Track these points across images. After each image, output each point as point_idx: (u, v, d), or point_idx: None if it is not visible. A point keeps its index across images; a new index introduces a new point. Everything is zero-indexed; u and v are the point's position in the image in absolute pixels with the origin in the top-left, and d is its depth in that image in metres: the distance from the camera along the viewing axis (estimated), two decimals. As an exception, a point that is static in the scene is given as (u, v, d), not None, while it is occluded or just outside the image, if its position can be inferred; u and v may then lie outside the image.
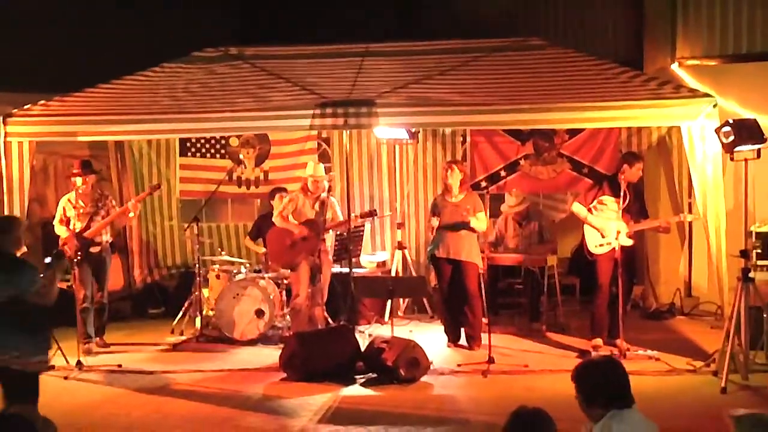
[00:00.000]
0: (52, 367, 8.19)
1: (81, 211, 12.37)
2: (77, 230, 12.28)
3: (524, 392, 9.77)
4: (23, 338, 7.55)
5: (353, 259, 12.48)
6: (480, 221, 11.85)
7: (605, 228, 11.48)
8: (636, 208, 11.58)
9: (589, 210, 11.65)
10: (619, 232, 11.31)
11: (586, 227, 11.72)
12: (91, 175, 12.47)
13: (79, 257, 11.91)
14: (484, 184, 14.62)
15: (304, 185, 12.70)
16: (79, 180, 12.38)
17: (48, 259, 8.00)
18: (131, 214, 12.63)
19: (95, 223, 12.33)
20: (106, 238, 12.63)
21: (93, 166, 12.88)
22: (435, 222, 11.99)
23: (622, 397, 5.07)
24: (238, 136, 15.39)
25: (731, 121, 10.22)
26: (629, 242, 11.45)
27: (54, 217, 12.57)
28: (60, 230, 12.43)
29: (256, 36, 16.00)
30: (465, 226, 11.74)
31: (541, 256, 13.00)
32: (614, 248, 11.28)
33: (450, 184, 11.95)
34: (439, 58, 12.78)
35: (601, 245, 11.53)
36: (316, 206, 12.51)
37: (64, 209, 12.45)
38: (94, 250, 12.37)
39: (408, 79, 11.91)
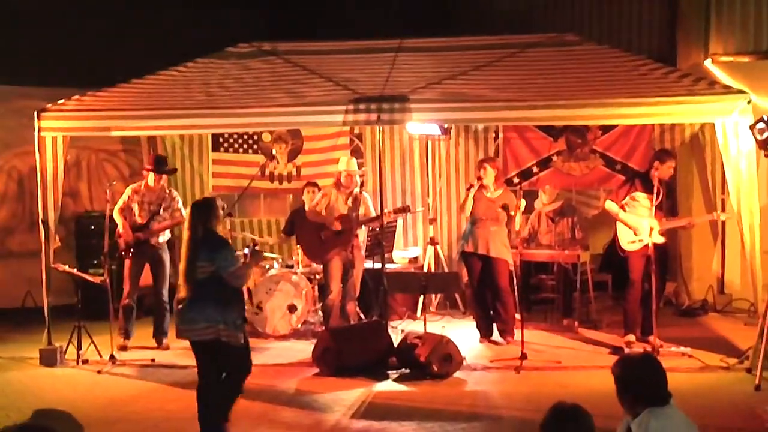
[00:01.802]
0: (247, 343, 8.51)
1: (145, 206, 12.34)
2: (136, 223, 12.26)
3: (557, 388, 9.73)
4: (226, 312, 8.10)
5: (385, 255, 12.46)
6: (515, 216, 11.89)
7: (638, 225, 11.48)
8: (668, 206, 11.56)
9: (622, 207, 11.64)
10: (652, 229, 11.29)
11: (618, 224, 11.71)
12: (162, 174, 12.51)
13: (131, 252, 11.94)
14: (516, 180, 14.61)
15: (337, 180, 12.75)
16: (150, 176, 12.41)
17: (246, 250, 8.80)
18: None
19: (155, 223, 12.30)
20: (163, 238, 12.54)
21: (167, 164, 12.93)
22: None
23: (660, 393, 5.06)
24: (270, 132, 15.41)
25: (766, 118, 10.17)
26: (661, 239, 11.42)
27: (92, 210, 12.53)
28: (117, 219, 12.32)
29: (287, 33, 15.99)
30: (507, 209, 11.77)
31: (573, 252, 12.97)
32: (646, 245, 11.30)
33: (486, 183, 11.95)
34: (472, 54, 12.75)
35: (633, 242, 11.54)
36: (349, 201, 12.55)
37: (128, 198, 12.40)
38: (149, 247, 12.31)
39: (441, 74, 11.88)
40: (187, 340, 8.35)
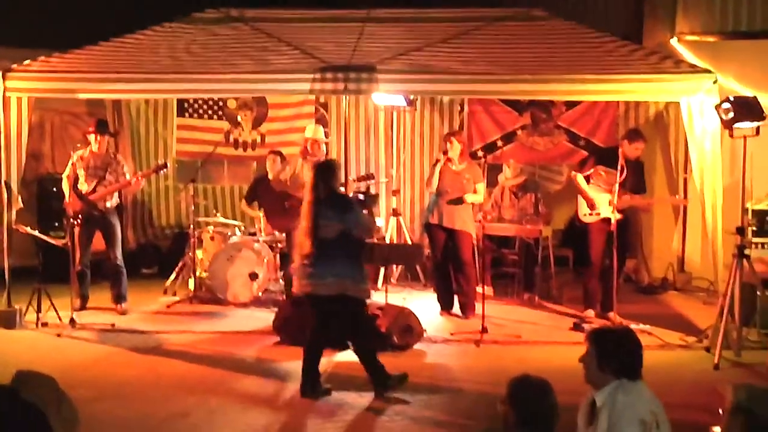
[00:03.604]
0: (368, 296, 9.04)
1: (90, 171, 12.26)
2: (83, 191, 12.18)
3: (517, 363, 9.73)
4: (354, 269, 8.67)
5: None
6: (478, 194, 11.95)
7: (595, 198, 11.58)
8: (631, 183, 11.61)
9: (587, 178, 11.73)
10: (611, 203, 11.38)
11: (579, 196, 11.81)
12: (105, 136, 12.41)
13: (79, 219, 11.87)
14: (480, 153, 14.64)
15: (303, 149, 12.71)
16: (92, 139, 12.32)
17: (361, 196, 9.33)
18: (136, 187, 12.58)
19: (101, 188, 12.22)
20: (111, 203, 12.45)
21: (108, 127, 12.85)
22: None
23: (634, 368, 5.08)
24: (236, 99, 15.41)
25: (731, 98, 10.24)
26: (617, 216, 11.44)
27: (55, 172, 12.47)
28: (65, 186, 12.34)
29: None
30: (460, 201, 11.80)
31: (535, 227, 13.01)
32: (604, 219, 11.55)
33: (451, 156, 11.96)
34: (440, 26, 12.72)
35: (590, 214, 11.65)
36: (314, 170, 12.52)
37: (74, 165, 12.33)
38: (97, 213, 12.22)
39: (409, 46, 11.85)
40: (311, 294, 8.72)
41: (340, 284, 8.54)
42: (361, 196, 9.30)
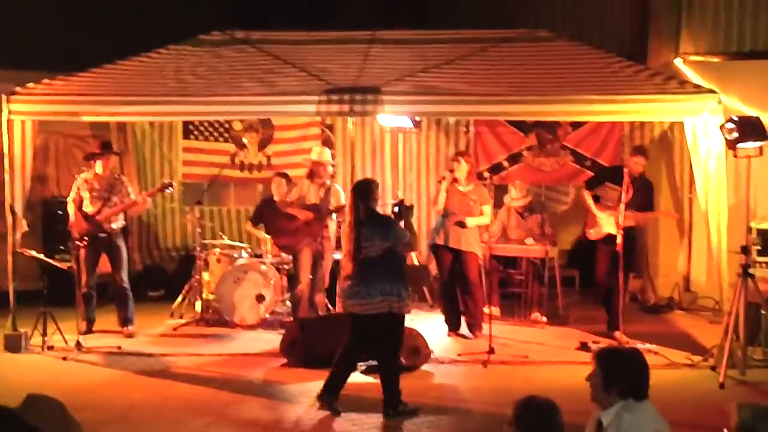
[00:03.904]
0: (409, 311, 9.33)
1: (95, 194, 12.25)
2: (88, 213, 12.19)
3: (524, 383, 9.80)
4: (399, 285, 8.84)
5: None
6: (485, 215, 11.99)
7: (600, 215, 11.66)
8: (639, 201, 11.68)
9: (596, 196, 11.83)
10: (616, 221, 11.47)
11: (589, 213, 12.01)
12: (109, 158, 12.42)
13: (85, 241, 11.88)
14: (486, 174, 14.66)
15: (309, 171, 12.72)
16: (98, 164, 12.31)
17: (396, 209, 9.34)
18: (142, 206, 12.57)
19: (106, 209, 12.23)
20: (117, 225, 12.44)
21: (113, 148, 12.87)
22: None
23: (640, 388, 5.08)
24: (241, 121, 15.45)
25: (735, 118, 10.26)
26: (620, 233, 11.52)
27: (59, 195, 12.48)
28: (70, 209, 12.33)
29: (263, 20, 15.99)
30: (463, 225, 11.80)
31: (542, 247, 13.01)
32: (607, 235, 11.70)
33: (458, 176, 11.99)
34: (445, 47, 12.73)
35: (594, 231, 11.74)
36: (321, 192, 12.53)
37: (78, 189, 12.33)
38: (103, 234, 12.22)
39: (415, 67, 11.87)
40: (357, 313, 8.88)
41: (388, 302, 8.74)
42: (396, 209, 9.38)
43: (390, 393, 8.81)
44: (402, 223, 9.18)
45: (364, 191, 9.06)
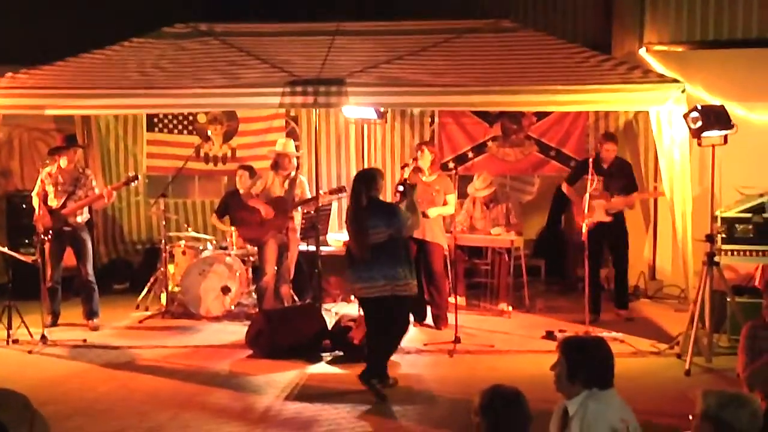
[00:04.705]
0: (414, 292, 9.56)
1: (59, 188, 12.19)
2: (52, 207, 12.13)
3: (490, 372, 9.86)
4: (402, 268, 9.19)
5: (320, 238, 12.45)
6: (449, 205, 12.00)
7: (585, 205, 11.80)
8: (620, 185, 12.04)
9: (572, 188, 11.92)
10: (599, 208, 11.72)
11: (574, 205, 12.20)
12: (74, 151, 12.36)
13: (49, 235, 11.82)
14: (451, 164, 14.65)
15: (273, 162, 12.69)
16: (63, 158, 12.22)
17: (400, 188, 9.86)
18: (106, 200, 12.51)
19: (71, 203, 12.16)
20: (82, 218, 12.39)
21: (77, 141, 12.81)
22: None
23: (605, 377, 5.09)
24: (206, 113, 15.39)
25: (699, 107, 10.32)
26: (607, 219, 12.07)
27: (24, 189, 12.41)
28: (35, 203, 12.28)
29: (226, 12, 15.93)
30: (425, 215, 11.79)
31: (507, 237, 13.02)
32: (597, 222, 11.99)
33: (421, 166, 11.99)
34: (410, 38, 12.73)
35: (588, 220, 11.86)
36: (286, 184, 12.51)
37: (42, 182, 12.27)
38: (67, 228, 12.17)
39: (379, 59, 11.87)
40: (363, 297, 9.38)
41: (392, 285, 9.10)
42: (400, 188, 9.81)
43: (374, 363, 9.25)
44: (405, 203, 9.57)
45: (367, 179, 9.42)
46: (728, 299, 10.52)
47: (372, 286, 9.14)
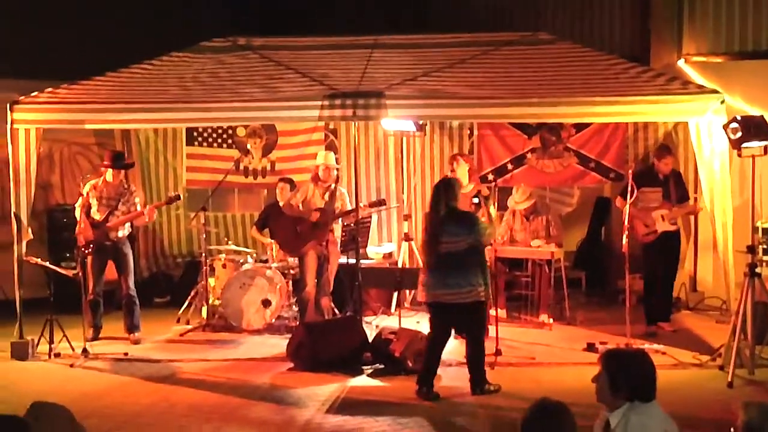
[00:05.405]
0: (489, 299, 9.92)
1: (103, 201, 12.27)
2: (95, 220, 12.21)
3: (531, 384, 9.84)
4: (482, 275, 9.50)
5: (360, 250, 12.44)
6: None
7: (647, 217, 11.78)
8: (677, 195, 12.20)
9: (633, 204, 11.89)
10: (663, 219, 11.90)
11: (634, 219, 12.04)
12: (121, 170, 12.46)
13: (91, 248, 11.90)
14: (491, 177, 14.62)
15: (314, 175, 12.75)
16: (108, 172, 12.32)
17: (475, 200, 10.30)
18: (147, 218, 12.58)
19: (113, 218, 12.24)
20: (123, 233, 12.46)
21: (125, 160, 12.89)
22: None
23: (647, 390, 5.07)
24: (245, 126, 15.43)
25: (739, 118, 10.27)
26: (672, 227, 12.27)
27: (64, 203, 12.46)
28: (78, 215, 12.33)
29: (264, 27, 16.01)
30: None
31: (547, 249, 13.00)
32: (662, 233, 12.16)
33: (458, 177, 11.97)
34: (447, 51, 12.73)
35: (647, 234, 11.96)
36: (326, 196, 12.55)
37: (87, 195, 12.34)
38: (108, 243, 12.25)
39: (417, 71, 11.87)
40: (447, 303, 9.48)
41: (475, 291, 9.39)
42: (475, 200, 10.17)
43: (477, 374, 9.59)
44: (481, 213, 10.01)
45: (447, 189, 9.65)
46: (770, 310, 10.47)
47: (457, 293, 9.34)
